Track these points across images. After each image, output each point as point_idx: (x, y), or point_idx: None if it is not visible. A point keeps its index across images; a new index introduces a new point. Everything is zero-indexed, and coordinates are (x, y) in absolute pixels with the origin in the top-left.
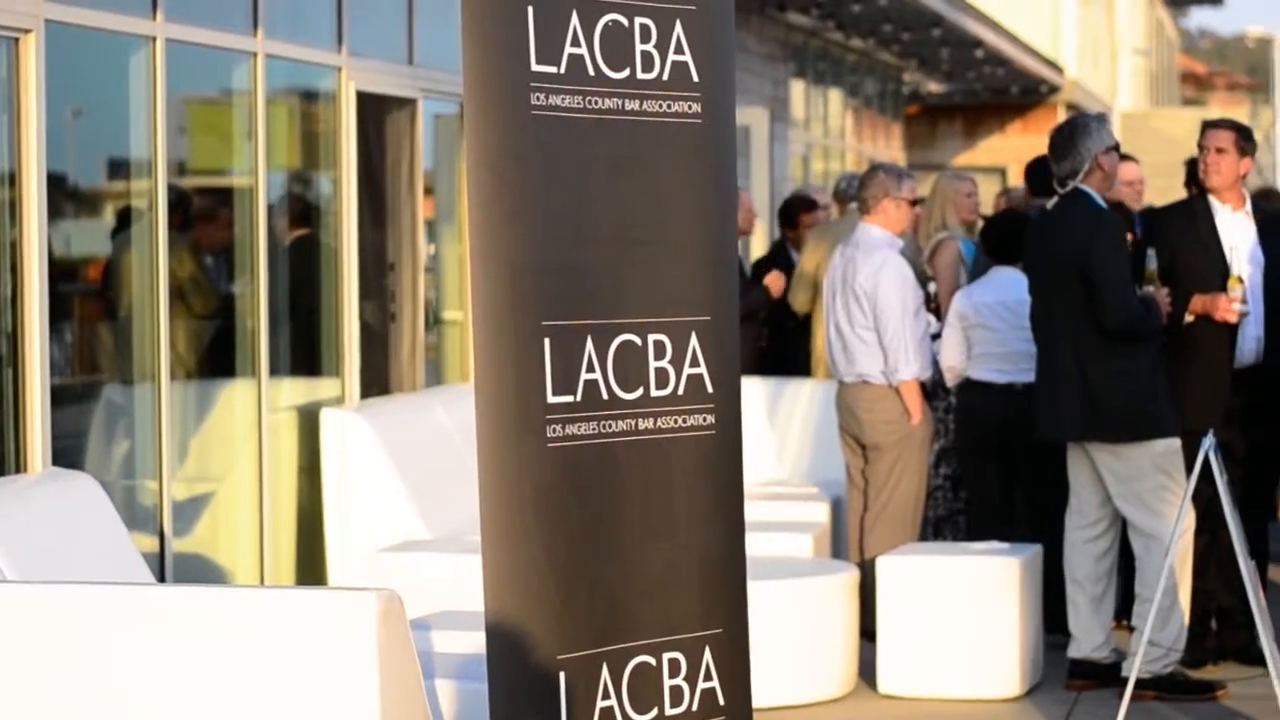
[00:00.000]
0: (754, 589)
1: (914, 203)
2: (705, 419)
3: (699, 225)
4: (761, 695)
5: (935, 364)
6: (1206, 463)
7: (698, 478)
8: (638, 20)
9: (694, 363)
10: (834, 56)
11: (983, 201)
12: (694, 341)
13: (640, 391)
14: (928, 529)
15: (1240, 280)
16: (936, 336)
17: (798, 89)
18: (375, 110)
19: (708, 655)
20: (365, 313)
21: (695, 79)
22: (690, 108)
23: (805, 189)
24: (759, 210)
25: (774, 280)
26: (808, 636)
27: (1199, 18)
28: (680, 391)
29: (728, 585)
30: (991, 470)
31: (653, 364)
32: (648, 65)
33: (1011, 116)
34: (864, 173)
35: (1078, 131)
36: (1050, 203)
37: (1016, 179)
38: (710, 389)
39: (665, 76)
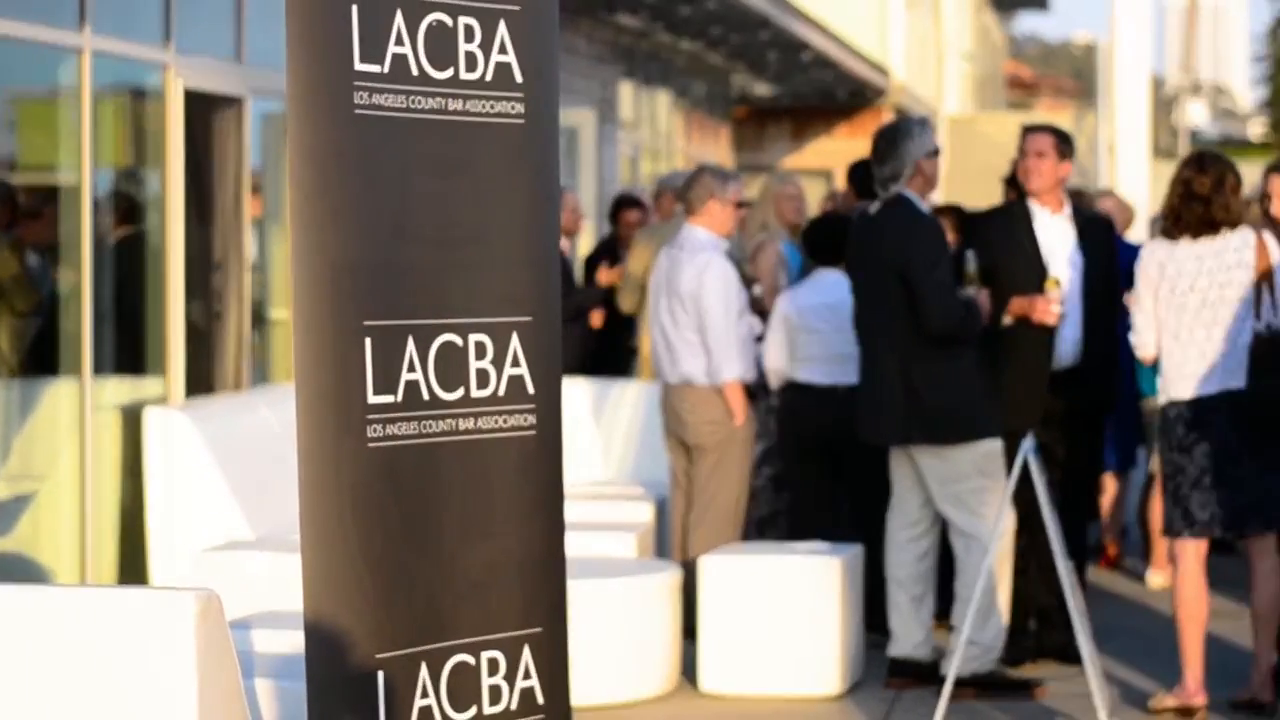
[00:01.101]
0: (577, 588)
1: (740, 205)
2: (526, 419)
3: (521, 226)
4: (583, 694)
5: (759, 365)
6: (1026, 464)
7: (518, 478)
8: (461, 20)
9: (515, 363)
10: (663, 58)
11: (810, 204)
12: (515, 342)
13: (461, 392)
14: (751, 529)
15: (1058, 283)
16: (761, 338)
17: (626, 90)
18: (203, 108)
19: (527, 654)
20: (191, 311)
21: (518, 80)
22: (513, 108)
23: (632, 190)
24: (587, 211)
25: (606, 274)
26: (630, 635)
27: (1026, 23)
28: (501, 392)
29: (547, 585)
30: (814, 471)
31: (474, 364)
32: (471, 65)
33: (839, 119)
34: (690, 174)
35: (899, 135)
36: (872, 206)
37: (844, 182)
38: (531, 390)
39: (488, 77)
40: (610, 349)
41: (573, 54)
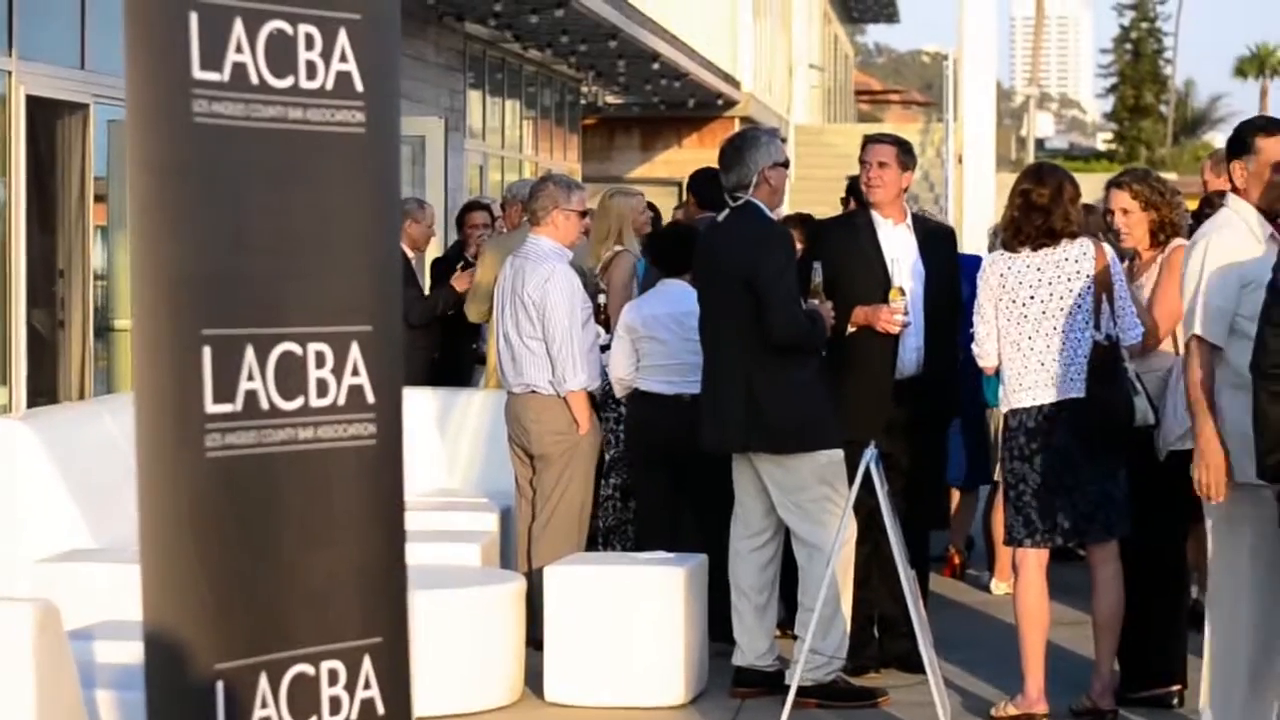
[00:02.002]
0: (421, 598)
1: (584, 214)
2: (366, 429)
3: (361, 235)
4: (426, 704)
5: (604, 375)
6: (868, 473)
7: (358, 487)
8: (302, 28)
9: (355, 373)
10: (512, 67)
11: (662, 214)
12: (355, 351)
13: (300, 401)
14: (598, 539)
15: (901, 292)
16: (606, 348)
17: (475, 99)
18: (47, 115)
19: (367, 664)
20: (34, 320)
21: (359, 89)
22: (354, 117)
23: (481, 199)
24: (435, 219)
25: (461, 279)
26: (474, 645)
27: (876, 34)
28: (341, 401)
29: (388, 594)
30: (659, 480)
31: (313, 374)
32: (311, 74)
33: (688, 130)
34: (534, 184)
35: (747, 145)
36: (721, 215)
37: (685, 192)
38: (371, 399)
39: (329, 86)
40: (456, 358)
41: (421, 62)
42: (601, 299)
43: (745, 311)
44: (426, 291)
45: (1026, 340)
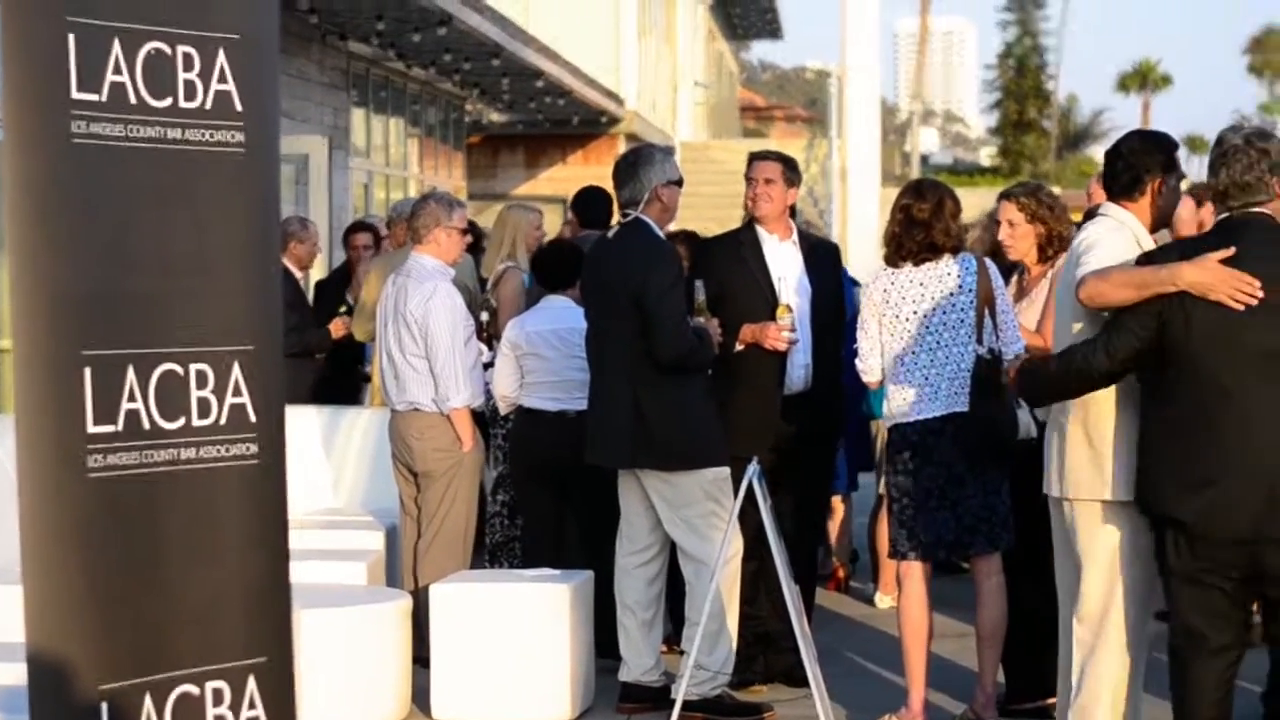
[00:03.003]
0: (306, 617)
1: (466, 231)
2: (248, 448)
3: (241, 255)
4: None
5: (489, 392)
6: (753, 488)
7: (240, 507)
8: (180, 49)
9: (236, 392)
10: (396, 85)
11: (549, 231)
12: (237, 371)
13: (182, 421)
14: (484, 555)
15: (789, 309)
16: (490, 365)
17: (359, 117)
18: None
19: (252, 684)
20: None
21: (238, 109)
22: (233, 137)
23: (368, 219)
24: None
25: (337, 326)
26: (360, 663)
27: (760, 51)
28: (223, 421)
29: (272, 614)
30: (545, 497)
31: (195, 394)
32: (190, 94)
33: (573, 147)
34: (415, 202)
35: (641, 161)
36: (611, 230)
37: (570, 210)
38: (253, 419)
39: (208, 106)
40: (341, 377)
41: (304, 81)
42: (484, 315)
43: (633, 329)
44: (312, 305)
45: (910, 355)
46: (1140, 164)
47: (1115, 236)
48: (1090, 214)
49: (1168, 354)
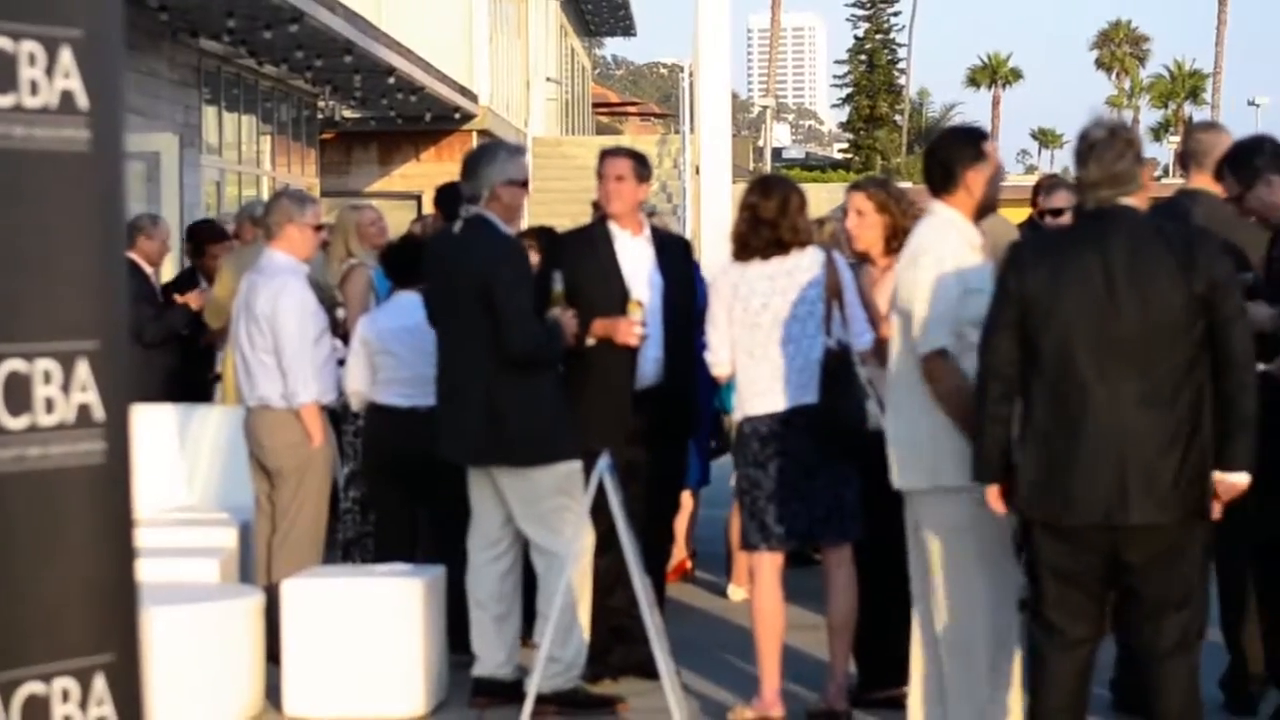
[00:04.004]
0: (158, 614)
1: (319, 228)
2: (95, 446)
3: (87, 252)
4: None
5: (340, 389)
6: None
7: (87, 505)
8: (24, 45)
9: (83, 389)
10: (248, 83)
11: (401, 228)
12: (83, 369)
13: (27, 420)
14: (337, 552)
15: (640, 304)
16: (343, 362)
17: (211, 115)
18: None
19: (100, 681)
20: None
21: (83, 106)
22: (79, 134)
23: (220, 219)
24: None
25: (194, 298)
26: (213, 660)
27: (614, 47)
28: (69, 419)
29: (120, 612)
30: (397, 493)
31: (40, 391)
32: (34, 91)
33: (426, 143)
34: (269, 199)
35: (484, 158)
36: (455, 226)
37: (432, 205)
38: (100, 416)
39: (52, 104)
40: (195, 374)
41: (155, 79)
42: (340, 313)
43: (479, 324)
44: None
45: (760, 348)
46: (951, 159)
47: (943, 237)
48: None
49: (1028, 347)
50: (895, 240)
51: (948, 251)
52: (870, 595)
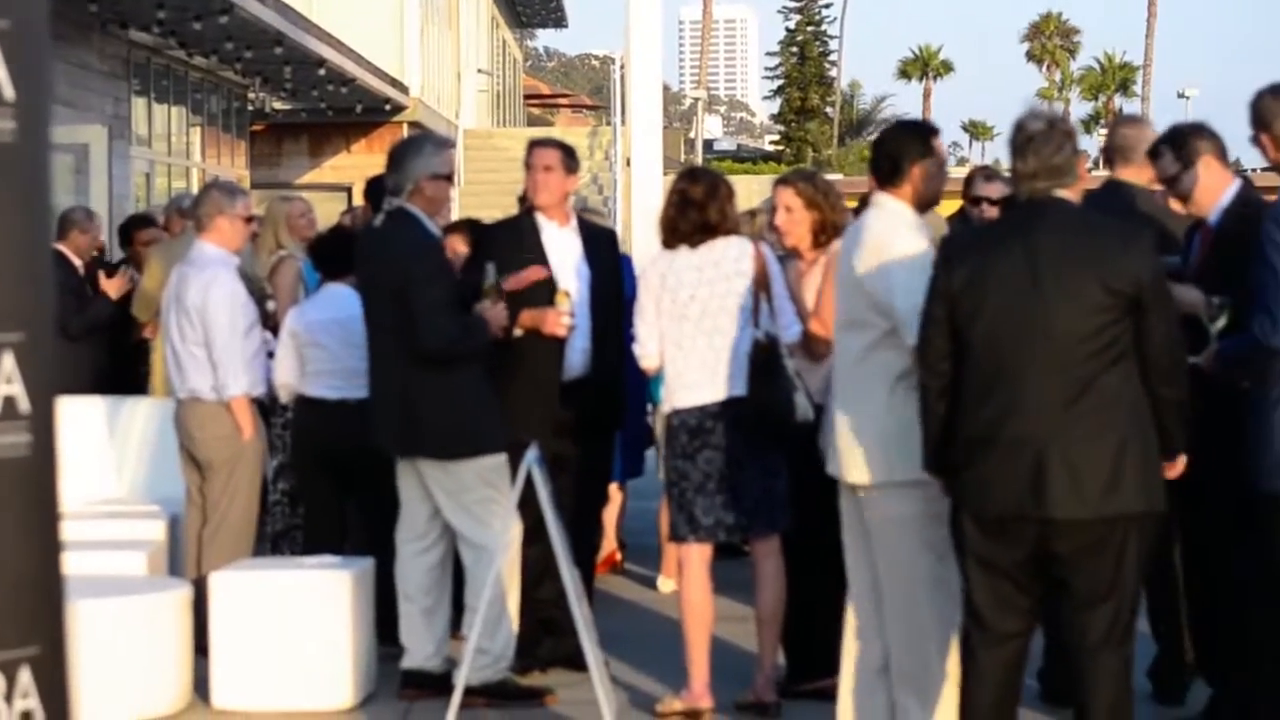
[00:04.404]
0: (85, 607)
1: (249, 220)
2: (21, 438)
3: (12, 244)
4: (92, 713)
5: (270, 381)
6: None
7: (12, 498)
8: None
9: (8, 381)
10: (178, 74)
11: (332, 220)
12: (8, 360)
13: None
14: (266, 544)
15: (568, 295)
16: (274, 354)
17: (140, 106)
18: None
19: (26, 674)
20: None
21: (10, 97)
22: (4, 125)
23: (151, 210)
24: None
25: (114, 284)
26: (140, 653)
27: (545, 39)
28: None
29: (46, 604)
30: (326, 485)
31: None
32: None
33: (357, 135)
34: (199, 191)
35: (409, 152)
36: (377, 220)
37: (362, 197)
38: (26, 409)
39: None
40: (125, 366)
41: (84, 70)
42: (270, 305)
43: (400, 318)
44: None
45: (688, 339)
46: (898, 152)
47: (898, 229)
48: (865, 199)
49: (958, 340)
50: (824, 234)
51: (909, 243)
52: (799, 587)
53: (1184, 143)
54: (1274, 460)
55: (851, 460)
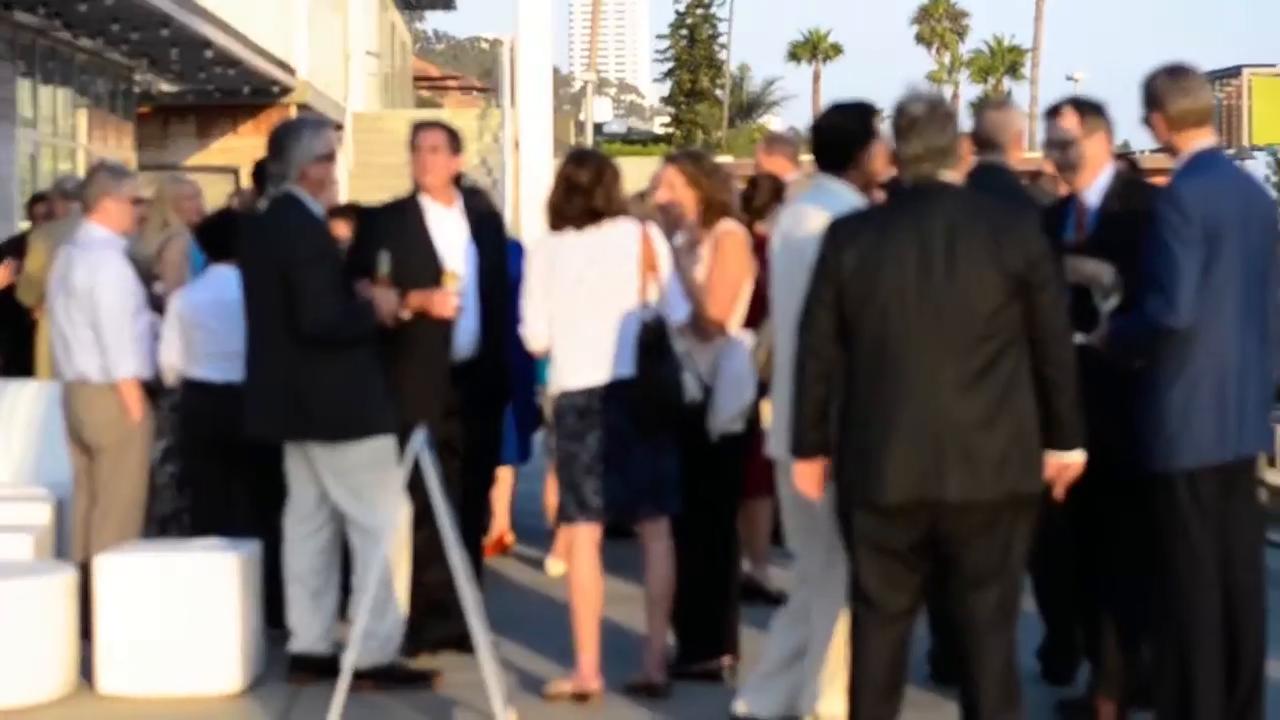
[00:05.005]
0: None
1: (136, 202)
2: None
3: None
4: None
5: (158, 363)
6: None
7: None
8: None
9: None
10: (63, 56)
11: (219, 202)
12: None
13: None
14: (154, 527)
15: (456, 275)
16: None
17: (25, 88)
18: None
19: None
20: None
21: None
22: None
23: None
24: None
25: (1, 274)
26: (25, 637)
27: (435, 21)
28: None
29: None
30: (214, 468)
31: None
32: None
33: (244, 117)
34: (86, 172)
35: (289, 136)
36: (261, 203)
37: (249, 180)
38: None
39: None
40: (11, 348)
41: None
42: (157, 286)
43: (284, 301)
44: None
45: (576, 321)
46: (845, 138)
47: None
48: (754, 181)
49: (847, 325)
50: (710, 214)
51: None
52: (688, 568)
53: (1088, 111)
54: (1166, 441)
55: (779, 437)
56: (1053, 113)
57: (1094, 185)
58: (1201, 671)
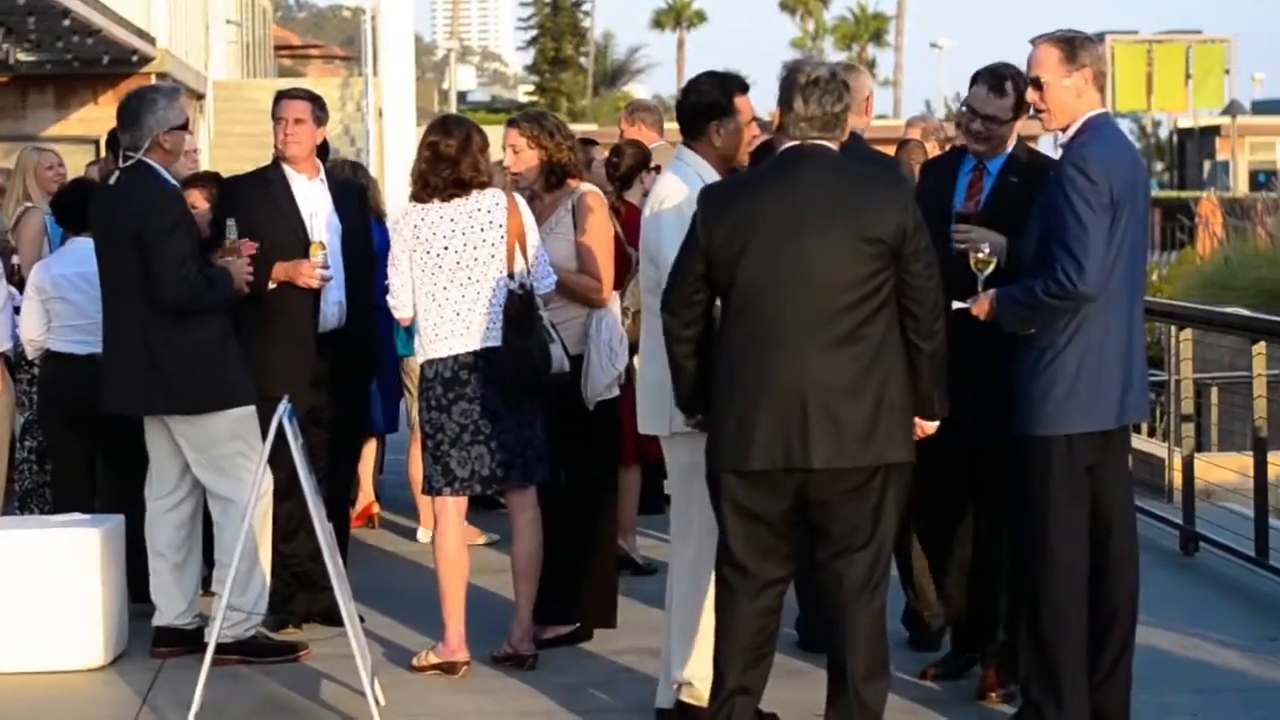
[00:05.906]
0: None
1: None
2: None
3: None
4: None
5: (17, 336)
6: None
7: None
8: None
9: None
10: None
11: (79, 172)
12: None
13: None
14: (14, 502)
15: (322, 246)
16: (20, 309)
17: None
18: None
19: None
20: None
21: None
22: None
23: None
24: None
25: None
26: None
27: None
28: None
29: None
30: (75, 442)
31: None
32: None
33: (104, 87)
34: None
35: (143, 105)
36: (114, 174)
37: (105, 148)
38: None
39: None
40: None
41: None
42: (15, 259)
43: (138, 272)
44: None
45: (442, 290)
46: (699, 109)
47: (681, 187)
48: (618, 149)
49: (718, 293)
50: (554, 176)
51: (687, 200)
52: (554, 538)
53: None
54: (1053, 404)
55: (646, 411)
56: (995, 88)
57: (998, 157)
58: (1064, 636)
